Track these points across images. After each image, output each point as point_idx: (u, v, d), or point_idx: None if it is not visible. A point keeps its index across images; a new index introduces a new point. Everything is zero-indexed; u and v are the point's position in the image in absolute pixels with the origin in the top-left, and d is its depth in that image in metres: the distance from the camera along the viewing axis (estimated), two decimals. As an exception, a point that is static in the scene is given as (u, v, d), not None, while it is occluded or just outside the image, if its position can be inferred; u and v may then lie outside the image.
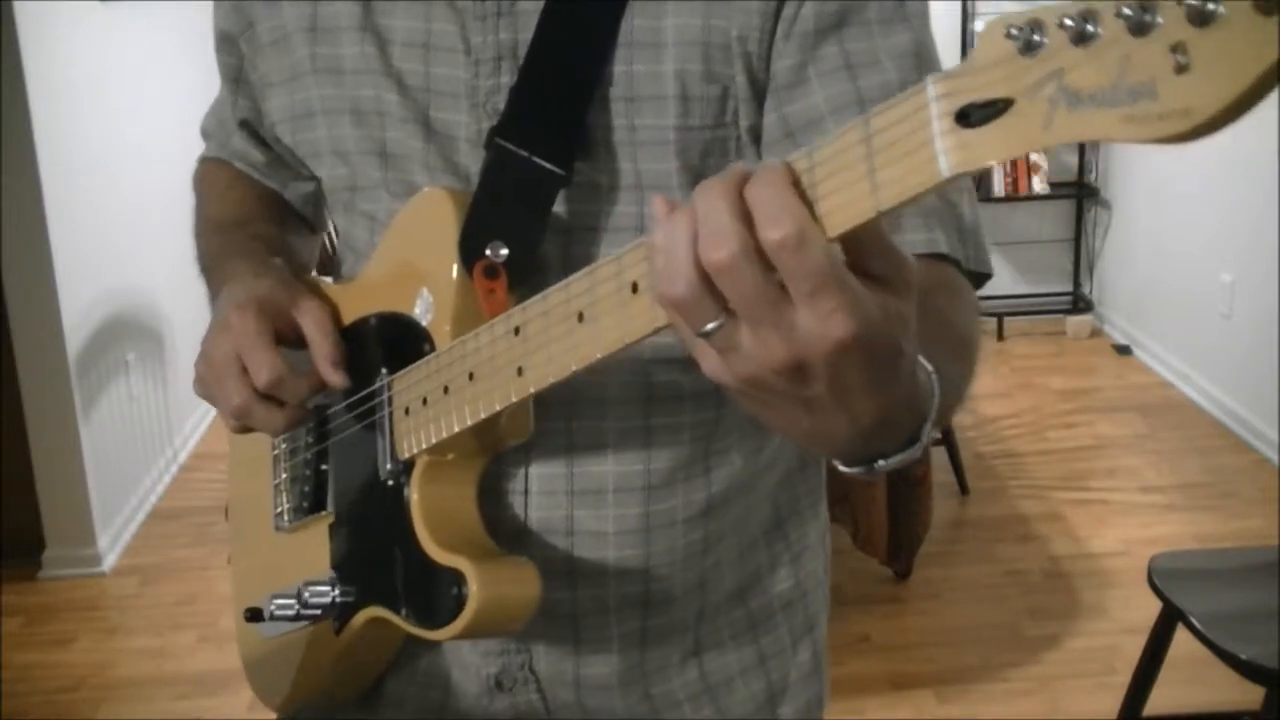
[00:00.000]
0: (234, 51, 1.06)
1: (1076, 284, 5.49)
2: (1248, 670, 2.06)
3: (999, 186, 5.20)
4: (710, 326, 0.60)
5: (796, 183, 0.58)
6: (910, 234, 0.87)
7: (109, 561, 3.64)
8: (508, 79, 0.90)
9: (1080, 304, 5.43)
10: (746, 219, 0.58)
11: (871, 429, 0.63)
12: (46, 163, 3.39)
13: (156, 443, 4.15)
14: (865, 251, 0.59)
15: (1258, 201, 4.03)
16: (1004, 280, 5.49)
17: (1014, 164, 5.18)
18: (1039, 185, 5.24)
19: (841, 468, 0.69)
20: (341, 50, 0.95)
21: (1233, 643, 2.09)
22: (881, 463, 0.67)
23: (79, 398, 3.54)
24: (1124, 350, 5.08)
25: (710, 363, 0.62)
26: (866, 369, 0.59)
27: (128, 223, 3.93)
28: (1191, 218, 4.58)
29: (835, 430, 0.63)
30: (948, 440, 3.77)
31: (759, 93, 0.90)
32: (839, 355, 0.57)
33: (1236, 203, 4.22)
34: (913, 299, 0.61)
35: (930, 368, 0.66)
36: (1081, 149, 5.30)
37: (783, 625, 1.08)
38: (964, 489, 3.85)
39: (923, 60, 0.89)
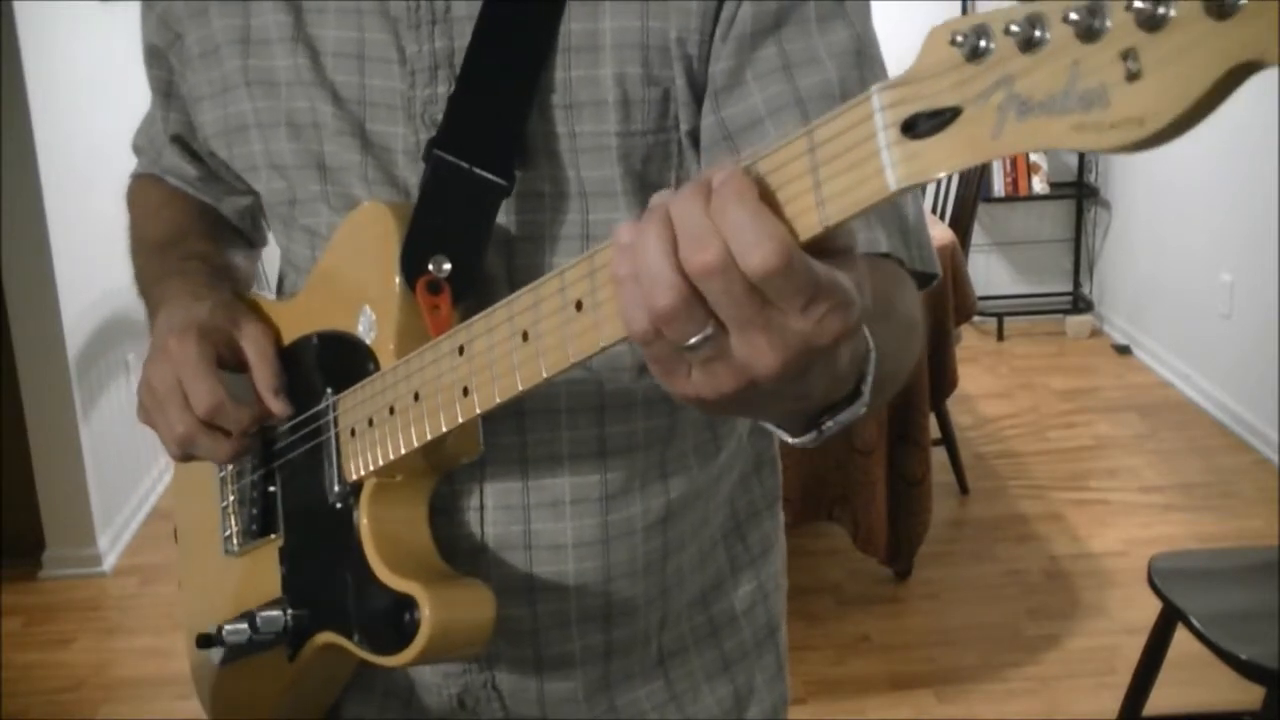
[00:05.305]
0: (163, 65, 1.03)
1: (1076, 284, 5.49)
2: (1248, 670, 2.06)
3: (999, 186, 5.20)
4: (697, 339, 0.56)
5: (764, 193, 0.55)
6: None
7: (109, 561, 3.64)
8: (444, 88, 0.87)
9: (1080, 304, 5.43)
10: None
11: (826, 391, 0.63)
12: (46, 162, 3.39)
13: (156, 443, 4.09)
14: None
15: (1258, 201, 4.03)
16: (1004, 280, 5.49)
17: (1014, 164, 5.18)
18: (1039, 185, 5.24)
19: (791, 440, 0.69)
20: (274, 62, 0.93)
21: (1233, 643, 2.09)
22: (830, 423, 0.67)
23: (79, 398, 3.54)
24: (1124, 350, 5.08)
25: (692, 383, 0.59)
26: (850, 342, 0.59)
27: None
28: (1191, 218, 4.58)
29: (810, 405, 0.64)
30: (948, 440, 3.76)
31: (698, 95, 0.88)
32: (834, 347, 0.56)
33: (1236, 203, 4.22)
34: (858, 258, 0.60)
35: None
36: (1081, 149, 5.30)
37: (745, 629, 1.07)
38: (964, 489, 3.84)
39: (864, 57, 0.87)
